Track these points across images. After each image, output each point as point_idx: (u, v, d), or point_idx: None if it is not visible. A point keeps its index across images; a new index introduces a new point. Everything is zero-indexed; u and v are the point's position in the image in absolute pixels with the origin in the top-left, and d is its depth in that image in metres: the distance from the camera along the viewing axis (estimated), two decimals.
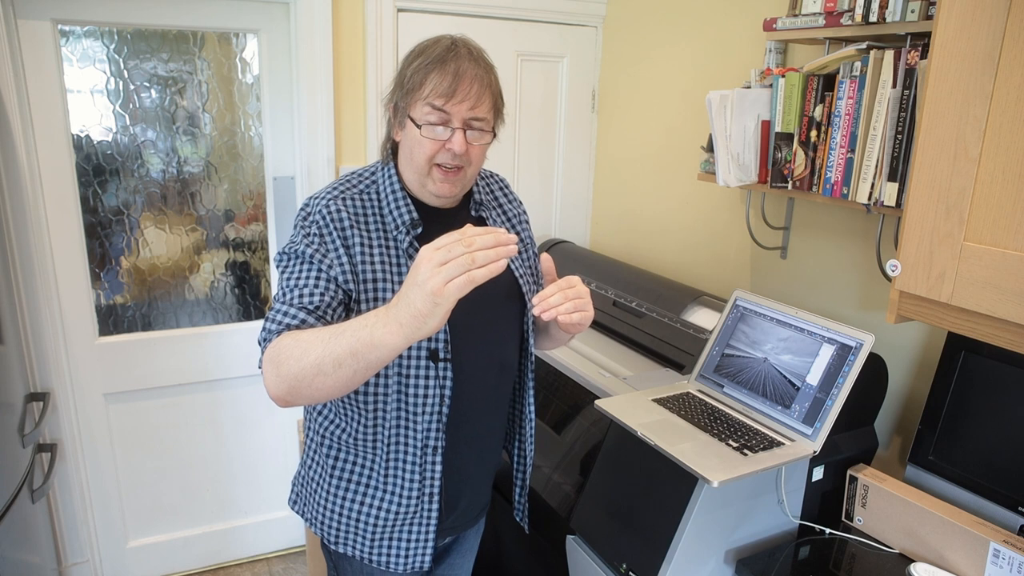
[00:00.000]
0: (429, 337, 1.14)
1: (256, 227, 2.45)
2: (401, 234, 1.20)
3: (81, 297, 2.22)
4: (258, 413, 2.56)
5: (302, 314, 1.10)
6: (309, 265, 1.15)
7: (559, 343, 1.46)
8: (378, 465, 1.27)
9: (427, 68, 1.14)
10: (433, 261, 0.90)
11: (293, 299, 1.12)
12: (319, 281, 1.14)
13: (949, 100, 1.16)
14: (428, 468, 1.26)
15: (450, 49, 1.15)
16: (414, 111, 1.16)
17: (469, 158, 1.18)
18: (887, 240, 1.72)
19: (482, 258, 0.89)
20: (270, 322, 1.11)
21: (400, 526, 1.29)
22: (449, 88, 1.12)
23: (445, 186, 1.19)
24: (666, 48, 2.41)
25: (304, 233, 1.18)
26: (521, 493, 1.48)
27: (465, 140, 1.15)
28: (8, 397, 1.81)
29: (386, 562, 1.31)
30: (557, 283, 1.14)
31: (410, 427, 1.24)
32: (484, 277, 0.89)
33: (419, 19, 2.41)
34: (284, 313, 1.10)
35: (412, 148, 1.18)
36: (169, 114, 2.23)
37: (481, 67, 1.16)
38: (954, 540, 1.37)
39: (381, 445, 1.25)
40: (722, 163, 1.77)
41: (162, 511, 2.51)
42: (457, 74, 1.13)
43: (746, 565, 1.44)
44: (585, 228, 2.93)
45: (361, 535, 1.30)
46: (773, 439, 1.43)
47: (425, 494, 1.27)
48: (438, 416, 1.23)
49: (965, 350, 1.51)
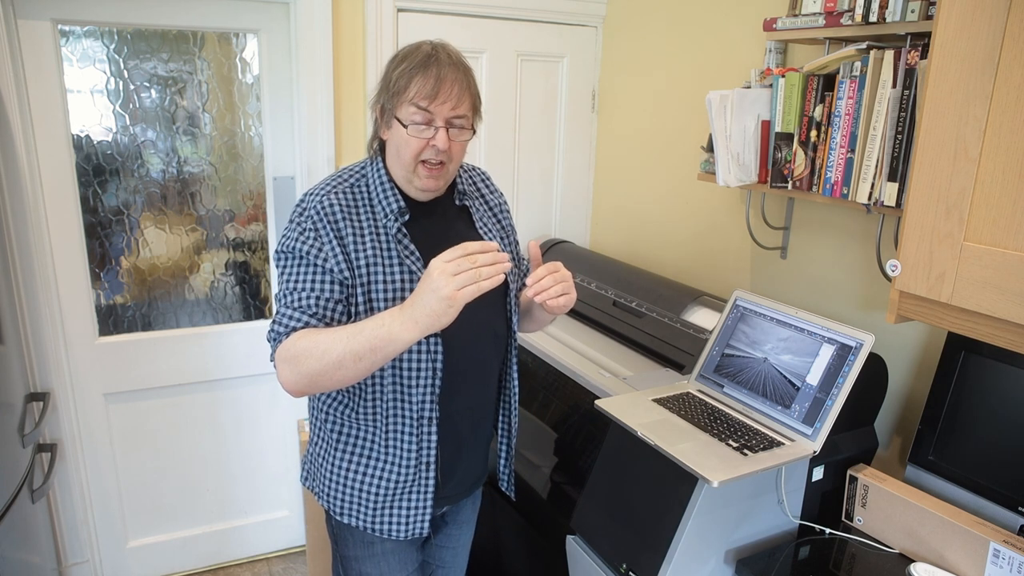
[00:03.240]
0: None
1: (256, 227, 2.45)
2: (390, 221, 1.31)
3: (81, 297, 2.22)
4: (258, 413, 2.56)
5: (305, 317, 1.23)
6: (307, 265, 1.26)
7: (541, 325, 1.57)
8: (378, 437, 1.36)
9: (411, 73, 1.25)
10: (446, 272, 1.09)
11: (294, 302, 1.25)
12: (315, 281, 1.26)
13: (949, 100, 1.16)
14: (424, 439, 1.36)
15: (431, 55, 1.26)
16: (400, 112, 1.27)
17: (451, 154, 1.29)
18: (887, 240, 1.72)
19: (486, 272, 1.10)
20: (278, 324, 1.24)
21: (400, 495, 1.39)
22: (432, 90, 1.24)
23: (430, 181, 1.31)
24: (666, 48, 2.41)
25: (300, 229, 1.28)
26: (507, 463, 1.57)
27: (448, 137, 1.26)
28: (8, 397, 1.81)
29: (387, 530, 1.41)
30: (546, 266, 1.26)
31: (406, 400, 1.33)
32: (489, 287, 1.10)
33: (419, 19, 2.41)
34: (290, 317, 1.24)
35: (399, 146, 1.29)
36: (169, 114, 2.23)
37: (460, 71, 1.27)
38: (954, 540, 1.37)
39: (380, 418, 1.35)
40: (722, 163, 1.77)
41: (162, 511, 2.51)
42: (439, 77, 1.24)
43: (746, 565, 1.45)
44: (585, 228, 2.93)
45: (363, 504, 1.40)
46: (773, 439, 1.43)
47: (422, 463, 1.37)
48: (431, 389, 1.33)
49: (965, 350, 1.51)
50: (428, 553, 1.62)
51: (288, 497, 2.70)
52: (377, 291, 1.27)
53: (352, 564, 1.47)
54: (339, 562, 1.51)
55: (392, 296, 1.28)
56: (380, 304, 1.27)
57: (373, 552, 1.45)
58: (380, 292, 1.27)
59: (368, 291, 1.27)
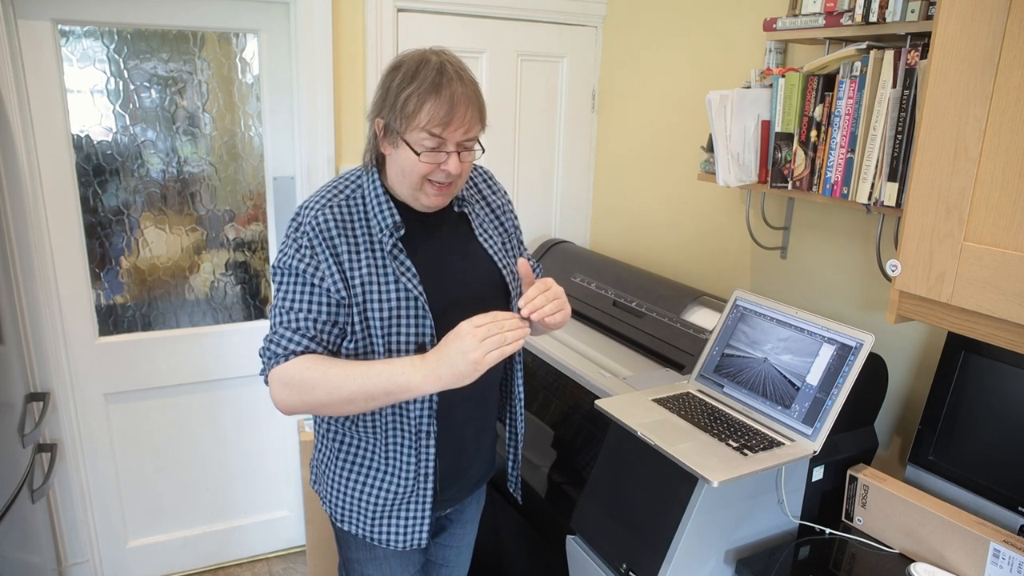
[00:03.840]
0: (418, 332, 1.27)
1: (256, 227, 2.45)
2: (385, 236, 1.28)
3: (81, 297, 2.22)
4: (258, 413, 2.56)
5: (304, 341, 1.23)
6: (303, 284, 1.25)
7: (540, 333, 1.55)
8: (378, 449, 1.36)
9: (422, 96, 1.19)
10: (476, 336, 1.11)
11: (292, 322, 1.24)
12: (312, 302, 1.24)
13: (949, 100, 1.16)
14: (423, 451, 1.35)
15: (441, 72, 1.19)
16: (410, 136, 1.22)
17: (460, 173, 1.26)
18: (887, 240, 1.72)
19: (511, 337, 1.13)
20: (275, 345, 1.23)
21: (398, 506, 1.39)
22: (446, 117, 1.19)
23: (438, 199, 1.29)
24: (666, 48, 2.41)
25: (296, 246, 1.26)
26: (514, 467, 1.58)
27: (459, 160, 1.24)
28: (8, 397, 1.81)
29: (385, 540, 1.41)
30: (536, 286, 1.22)
31: (404, 416, 1.33)
32: (512, 351, 1.13)
33: (419, 19, 2.41)
34: (288, 340, 1.23)
35: (406, 167, 1.25)
36: (169, 114, 2.23)
37: (469, 88, 1.22)
38: (954, 540, 1.37)
39: (380, 431, 1.35)
40: (722, 163, 1.77)
41: (162, 511, 2.51)
42: (452, 103, 1.19)
43: (746, 565, 1.45)
44: (585, 228, 2.93)
45: (363, 514, 1.40)
46: (773, 439, 1.43)
47: (421, 475, 1.37)
48: (429, 404, 1.32)
49: (965, 350, 1.51)
50: (432, 552, 1.62)
51: (288, 497, 2.70)
52: (373, 310, 1.25)
53: (355, 567, 1.48)
54: (343, 563, 1.52)
55: (388, 315, 1.26)
56: (376, 323, 1.25)
57: (375, 555, 1.45)
58: (376, 311, 1.25)
59: (364, 310, 1.25)
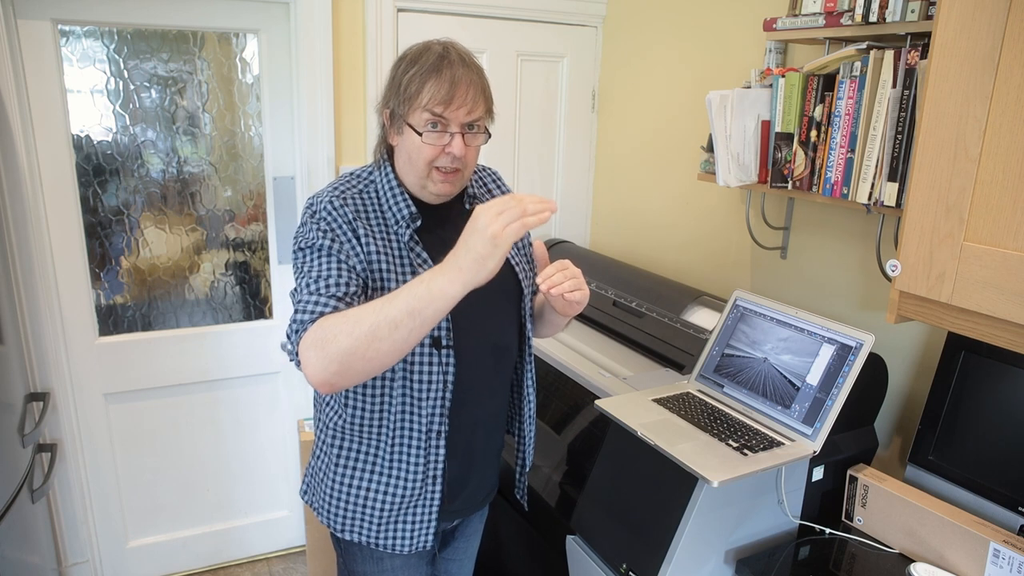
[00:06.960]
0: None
1: (256, 227, 2.45)
2: (402, 228, 1.26)
3: (81, 297, 2.22)
4: (258, 413, 2.56)
5: (333, 301, 1.14)
6: (328, 256, 1.19)
7: (556, 328, 1.52)
8: (383, 451, 1.32)
9: (423, 77, 1.19)
10: (491, 211, 1.01)
11: (320, 288, 1.16)
12: (341, 271, 1.18)
13: (949, 100, 1.16)
14: (432, 452, 1.31)
15: (443, 56, 1.20)
16: (412, 118, 1.21)
17: (466, 160, 1.24)
18: (887, 240, 1.72)
19: (532, 208, 1.01)
20: (301, 313, 1.14)
21: (404, 509, 1.34)
22: (447, 95, 1.18)
23: (445, 186, 1.26)
24: (666, 48, 2.41)
25: (316, 226, 1.22)
26: (522, 472, 1.54)
27: (463, 143, 1.22)
28: (8, 397, 1.81)
29: (392, 544, 1.36)
30: (554, 264, 1.22)
31: (415, 413, 1.29)
32: (533, 225, 1.01)
33: (419, 19, 2.41)
34: (315, 303, 1.14)
35: (412, 153, 1.23)
36: (169, 114, 2.23)
37: (473, 71, 1.21)
38: (954, 540, 1.37)
39: (386, 431, 1.31)
40: (722, 163, 1.77)
41: (162, 511, 2.51)
42: (453, 81, 1.18)
43: (746, 565, 1.45)
44: (585, 228, 2.93)
45: (366, 520, 1.35)
46: (773, 439, 1.43)
47: (429, 476, 1.33)
48: (441, 401, 1.29)
49: (965, 350, 1.51)
50: (437, 566, 1.59)
51: (288, 497, 2.70)
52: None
53: None
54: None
55: None
56: None
57: (383, 568, 1.41)
58: None
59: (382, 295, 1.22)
